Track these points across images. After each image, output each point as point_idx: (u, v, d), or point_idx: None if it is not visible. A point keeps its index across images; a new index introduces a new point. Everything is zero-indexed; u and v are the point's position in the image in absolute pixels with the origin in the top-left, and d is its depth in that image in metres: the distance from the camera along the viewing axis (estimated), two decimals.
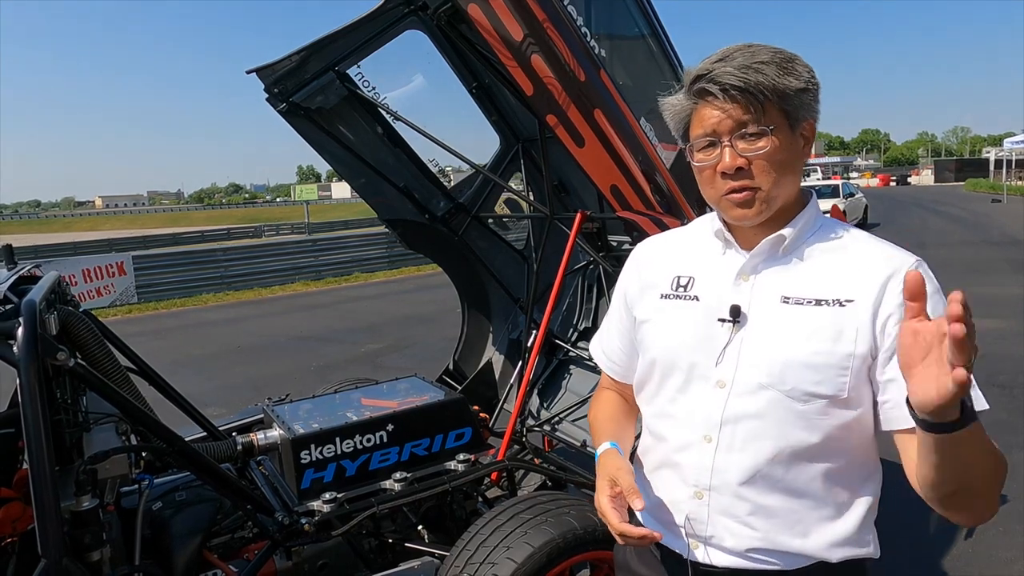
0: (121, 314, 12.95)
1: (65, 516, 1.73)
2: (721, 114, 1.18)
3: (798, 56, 1.20)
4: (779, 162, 1.19)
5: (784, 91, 1.16)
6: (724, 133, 1.19)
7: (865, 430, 1.19)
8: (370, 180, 3.45)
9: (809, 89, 1.19)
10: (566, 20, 2.37)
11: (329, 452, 2.46)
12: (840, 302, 1.16)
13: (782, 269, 1.24)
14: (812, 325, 1.16)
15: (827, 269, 1.21)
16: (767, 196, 1.20)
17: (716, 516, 1.24)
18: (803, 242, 1.25)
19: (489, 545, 2.14)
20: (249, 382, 7.43)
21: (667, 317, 1.33)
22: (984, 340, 7.14)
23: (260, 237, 34.65)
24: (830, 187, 21.33)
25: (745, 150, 1.18)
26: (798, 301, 1.19)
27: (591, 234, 3.24)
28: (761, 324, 1.21)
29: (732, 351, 1.22)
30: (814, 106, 1.21)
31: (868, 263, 1.18)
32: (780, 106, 1.17)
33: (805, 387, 1.15)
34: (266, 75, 3.00)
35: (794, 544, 1.20)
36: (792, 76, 1.17)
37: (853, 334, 1.14)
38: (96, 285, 13.49)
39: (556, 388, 3.90)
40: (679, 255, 1.38)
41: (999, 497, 1.11)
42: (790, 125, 1.19)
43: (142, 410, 2.04)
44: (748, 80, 1.14)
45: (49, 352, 1.66)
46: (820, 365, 1.15)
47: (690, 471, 1.25)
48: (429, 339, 8.89)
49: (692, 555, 1.27)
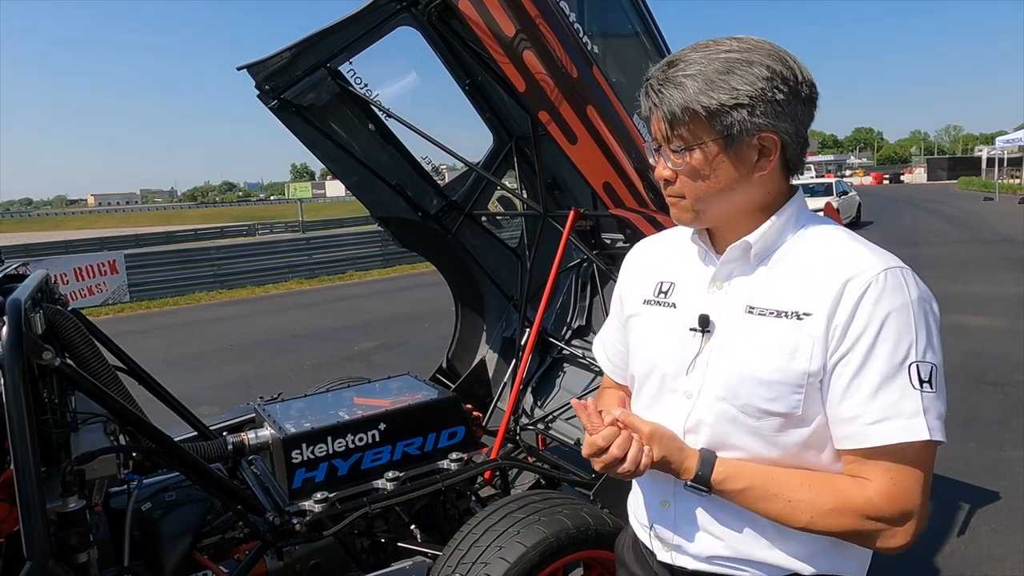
0: (113, 313, 12.87)
1: (51, 517, 1.70)
2: (656, 122, 1.18)
3: (749, 62, 1.09)
4: (704, 177, 1.15)
5: (704, 109, 1.09)
6: (662, 142, 1.19)
7: (824, 444, 1.14)
8: (363, 178, 3.43)
9: (746, 104, 1.08)
10: (558, 16, 2.36)
11: (321, 451, 2.44)
12: (798, 315, 1.10)
13: (752, 277, 1.19)
14: (771, 339, 1.12)
15: (794, 278, 1.14)
16: (691, 208, 1.20)
17: (681, 524, 1.25)
18: (777, 247, 1.19)
19: (482, 544, 2.13)
20: (241, 381, 7.40)
21: (647, 323, 1.32)
22: (977, 338, 7.20)
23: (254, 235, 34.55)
24: (823, 185, 21.41)
25: (671, 162, 1.18)
26: (761, 312, 1.15)
27: (584, 232, 3.23)
28: (727, 335, 1.18)
29: (702, 361, 1.20)
30: (768, 120, 1.10)
31: (829, 271, 1.11)
32: (711, 122, 1.10)
33: (758, 403, 1.12)
34: (257, 71, 2.97)
35: (761, 554, 1.18)
36: (722, 91, 1.08)
37: (808, 351, 1.09)
38: (88, 284, 13.41)
39: (550, 386, 3.89)
40: (665, 260, 1.37)
41: (856, 531, 1.09)
42: (726, 141, 1.12)
43: (130, 410, 2.02)
44: (663, 95, 1.13)
45: (34, 351, 1.63)
46: (774, 382, 1.11)
47: (659, 479, 1.26)
48: (422, 337, 8.88)
49: (661, 556, 1.30)
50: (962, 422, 5.06)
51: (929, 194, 37.23)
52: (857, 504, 1.07)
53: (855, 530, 1.09)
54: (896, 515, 1.06)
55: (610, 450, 1.15)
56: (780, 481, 1.12)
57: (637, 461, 1.15)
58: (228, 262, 15.86)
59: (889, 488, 1.06)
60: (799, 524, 1.11)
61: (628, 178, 2.50)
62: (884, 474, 1.07)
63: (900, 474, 1.06)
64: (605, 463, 1.16)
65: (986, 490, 4.08)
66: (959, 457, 4.50)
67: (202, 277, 15.21)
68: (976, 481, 4.19)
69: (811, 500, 1.10)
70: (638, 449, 1.15)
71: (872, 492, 1.07)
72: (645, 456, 1.15)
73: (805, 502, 1.10)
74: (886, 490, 1.06)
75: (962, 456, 4.53)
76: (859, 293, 1.07)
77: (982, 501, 3.96)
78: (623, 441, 1.15)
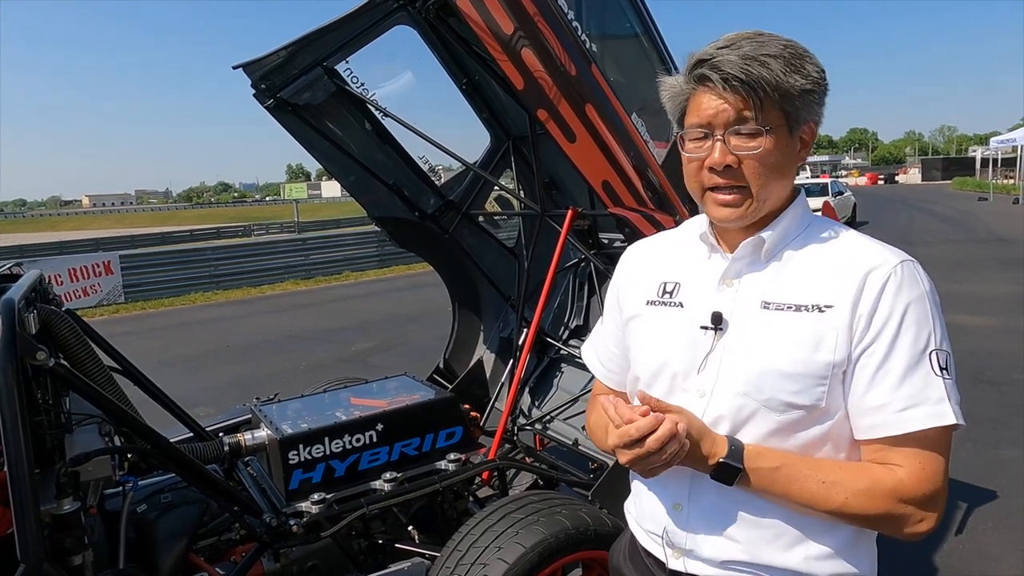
0: (108, 314, 12.82)
1: (46, 520, 1.69)
2: (718, 105, 1.13)
3: (810, 53, 1.13)
4: (771, 164, 1.14)
5: (787, 90, 1.10)
6: (719, 126, 1.14)
7: (841, 438, 1.14)
8: (359, 177, 3.41)
9: (815, 90, 1.13)
10: (557, 14, 2.35)
11: (318, 452, 2.43)
12: (820, 308, 1.11)
13: (764, 273, 1.19)
14: (791, 332, 1.12)
15: (809, 273, 1.16)
16: (755, 199, 1.15)
17: (695, 527, 1.22)
18: (787, 244, 1.20)
19: (480, 545, 2.12)
20: (238, 382, 7.37)
21: (652, 324, 1.30)
22: (973, 337, 7.22)
23: (249, 236, 34.49)
24: (819, 185, 21.53)
25: (737, 147, 1.13)
26: (778, 307, 1.15)
27: (582, 231, 3.23)
28: (742, 331, 1.17)
29: (714, 359, 1.19)
30: (818, 108, 1.16)
31: (848, 264, 1.13)
32: (781, 105, 1.11)
33: (782, 397, 1.12)
34: (253, 70, 2.95)
35: (776, 558, 1.16)
36: (799, 74, 1.10)
37: (832, 343, 1.10)
38: (82, 284, 13.35)
39: (547, 386, 3.88)
40: (666, 260, 1.35)
41: (888, 514, 1.09)
42: (789, 127, 1.14)
43: (125, 410, 2.00)
44: (751, 73, 1.08)
45: (28, 352, 1.62)
46: (798, 375, 1.11)
47: (670, 482, 1.23)
48: (420, 338, 8.86)
49: (672, 564, 1.26)
50: None
51: (924, 194, 37.40)
52: (889, 487, 1.08)
53: (887, 513, 1.09)
54: (926, 499, 1.08)
55: (646, 443, 1.07)
56: (812, 463, 1.12)
57: (674, 453, 1.08)
58: (224, 263, 15.81)
59: (918, 472, 1.08)
60: (833, 506, 1.09)
61: (627, 177, 2.49)
62: (912, 459, 1.09)
63: (927, 458, 1.08)
64: (637, 456, 1.08)
65: (983, 489, 4.08)
66: (956, 456, 4.46)
67: (198, 278, 15.16)
68: (973, 480, 4.19)
69: (845, 481, 1.09)
70: (674, 437, 1.07)
71: (903, 475, 1.08)
72: (681, 446, 1.08)
73: (840, 483, 1.09)
74: (916, 474, 1.08)
75: (959, 455, 4.53)
76: (880, 284, 1.10)
77: (979, 500, 3.96)
78: (663, 435, 1.06)
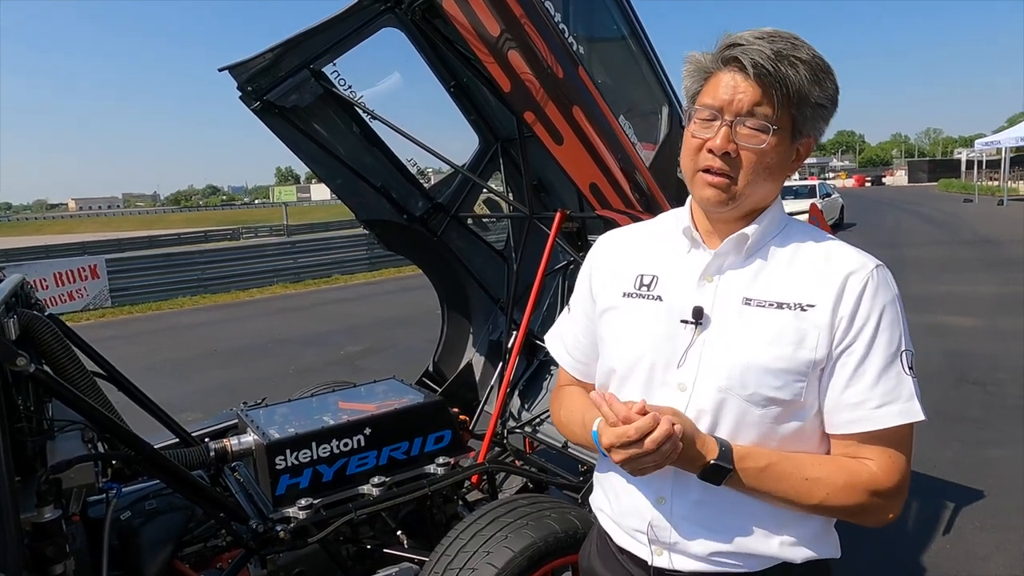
0: (95, 318, 12.70)
1: (26, 528, 1.66)
2: (735, 90, 1.15)
3: (833, 71, 1.16)
4: (766, 164, 1.16)
5: (805, 96, 1.13)
6: (730, 112, 1.15)
7: (814, 432, 1.20)
8: (347, 180, 3.40)
9: (827, 107, 1.17)
10: (543, 16, 2.35)
11: (305, 457, 2.41)
12: (801, 306, 1.15)
13: (745, 271, 1.22)
14: (774, 329, 1.15)
15: (790, 271, 1.19)
16: (739, 192, 1.17)
17: (679, 521, 1.23)
18: (768, 242, 1.23)
19: (469, 550, 2.11)
20: (225, 386, 7.31)
21: (628, 317, 1.30)
22: (958, 338, 7.28)
23: (238, 239, 34.24)
24: (807, 187, 21.67)
25: (741, 137, 1.15)
26: (760, 303, 1.18)
27: (571, 233, 3.22)
28: (723, 326, 1.19)
29: (694, 353, 1.20)
30: (822, 125, 1.19)
31: (827, 266, 1.18)
32: (794, 110, 1.14)
33: (765, 392, 1.15)
34: (239, 73, 2.93)
35: (757, 546, 1.20)
36: (819, 87, 1.14)
37: (814, 341, 1.14)
38: (68, 289, 13.22)
39: (537, 389, 3.87)
40: (643, 252, 1.35)
41: (862, 505, 1.15)
42: (793, 134, 1.17)
43: (108, 416, 1.97)
44: (779, 69, 1.11)
45: (8, 357, 1.59)
46: (780, 371, 1.14)
47: (652, 476, 1.21)
48: (409, 341, 8.83)
49: (656, 561, 1.26)
50: (945, 421, 5.10)
51: (910, 196, 37.76)
52: (864, 480, 1.14)
53: (862, 505, 1.15)
54: (895, 490, 1.15)
55: (644, 443, 1.07)
56: (795, 461, 1.17)
57: (667, 454, 1.09)
58: (212, 266, 15.71)
59: (889, 466, 1.15)
60: (814, 502, 1.15)
61: (614, 179, 2.50)
62: (883, 453, 1.15)
63: (895, 453, 1.15)
64: (632, 455, 1.09)
65: (970, 489, 4.11)
66: (942, 456, 4.54)
67: (186, 282, 15.05)
68: (960, 480, 4.22)
69: (826, 478, 1.15)
70: (670, 438, 1.07)
71: (876, 469, 1.15)
72: (675, 448, 1.09)
73: (822, 480, 1.14)
74: (887, 468, 1.15)
75: (945, 455, 4.56)
76: (860, 287, 1.15)
77: (966, 500, 3.99)
78: (661, 436, 1.07)
